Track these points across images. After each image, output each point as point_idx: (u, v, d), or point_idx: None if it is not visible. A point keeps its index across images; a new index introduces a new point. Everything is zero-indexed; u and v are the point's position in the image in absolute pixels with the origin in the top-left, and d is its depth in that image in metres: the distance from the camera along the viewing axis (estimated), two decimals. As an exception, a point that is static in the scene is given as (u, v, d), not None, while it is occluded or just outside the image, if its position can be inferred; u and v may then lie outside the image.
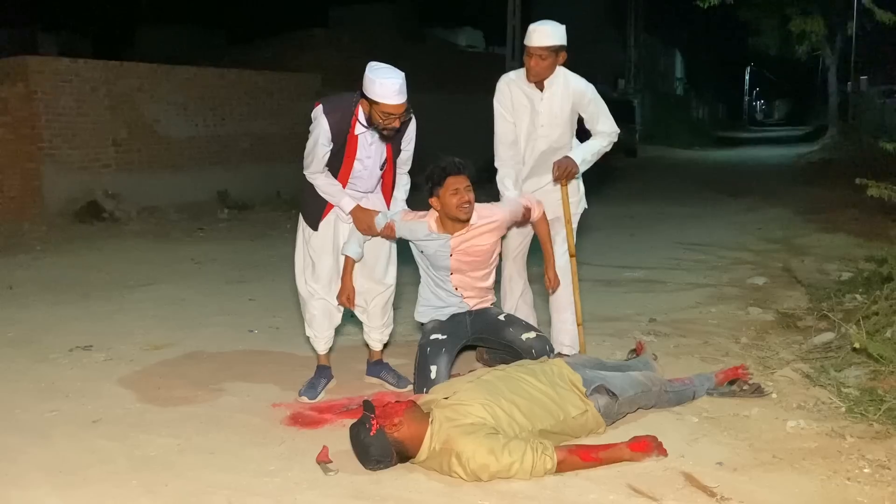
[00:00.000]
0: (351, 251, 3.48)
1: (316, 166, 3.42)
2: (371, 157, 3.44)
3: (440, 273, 3.59)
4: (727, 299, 5.39)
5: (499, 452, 2.59)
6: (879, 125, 16.49)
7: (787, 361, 3.90)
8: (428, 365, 3.45)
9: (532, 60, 3.61)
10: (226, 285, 6.21)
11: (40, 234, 8.71)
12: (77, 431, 3.17)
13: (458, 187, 3.34)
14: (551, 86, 3.71)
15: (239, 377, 3.88)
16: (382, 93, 3.18)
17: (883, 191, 4.23)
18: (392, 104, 3.20)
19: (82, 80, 9.81)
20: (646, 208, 10.84)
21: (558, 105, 3.74)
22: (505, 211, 3.57)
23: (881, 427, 2.99)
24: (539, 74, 3.65)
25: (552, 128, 3.77)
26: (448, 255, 3.50)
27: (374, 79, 3.18)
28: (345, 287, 3.49)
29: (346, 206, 3.47)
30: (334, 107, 3.36)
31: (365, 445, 2.70)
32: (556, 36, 3.59)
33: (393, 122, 3.27)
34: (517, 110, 3.77)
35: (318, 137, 3.35)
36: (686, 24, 28.81)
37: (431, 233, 3.48)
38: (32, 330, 4.82)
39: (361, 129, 3.37)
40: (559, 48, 3.60)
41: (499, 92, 3.81)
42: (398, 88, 3.19)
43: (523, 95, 3.76)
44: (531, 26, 3.64)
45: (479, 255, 3.54)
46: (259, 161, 12.08)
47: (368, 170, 3.47)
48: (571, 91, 3.73)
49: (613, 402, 3.05)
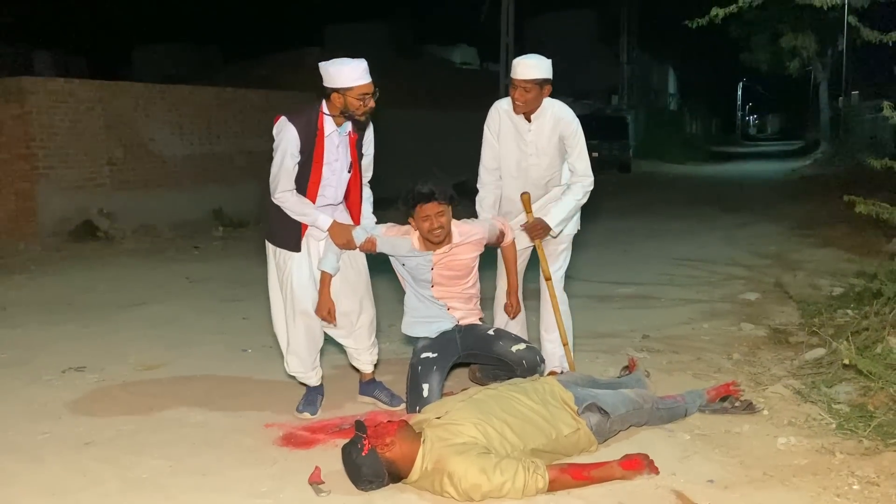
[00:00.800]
0: (328, 266, 3.46)
1: (285, 183, 3.41)
2: (339, 159, 3.47)
3: (421, 285, 3.63)
4: (719, 315, 5.41)
5: (490, 472, 2.60)
6: (870, 140, 16.61)
7: (778, 377, 3.92)
8: (420, 383, 3.46)
9: (517, 92, 3.63)
10: (220, 304, 6.21)
11: (35, 254, 8.71)
12: (69, 453, 3.17)
13: (429, 214, 3.38)
14: (538, 118, 3.75)
15: (231, 397, 3.88)
16: (354, 76, 3.30)
17: (871, 207, 4.26)
18: (365, 83, 3.32)
19: (77, 99, 9.86)
20: (639, 224, 10.88)
21: (546, 137, 3.77)
22: (484, 228, 3.66)
23: (871, 443, 3.00)
24: (524, 107, 3.67)
25: (540, 157, 3.80)
26: (429, 269, 3.56)
27: (340, 67, 3.31)
28: (324, 301, 3.48)
29: (324, 223, 3.46)
30: (297, 114, 3.43)
31: (357, 466, 2.70)
32: (541, 69, 3.62)
33: (370, 103, 3.35)
34: (505, 138, 3.82)
35: (286, 149, 3.37)
36: (678, 40, 29.02)
37: (414, 249, 3.53)
38: (26, 351, 4.82)
39: (330, 129, 3.40)
40: (544, 81, 3.63)
41: (489, 118, 3.86)
42: (365, 69, 3.33)
43: (511, 125, 3.79)
44: (516, 60, 3.69)
45: (459, 269, 3.60)
46: (254, 179, 12.09)
47: (336, 174, 3.49)
48: (558, 121, 3.76)
49: (605, 420, 3.06)
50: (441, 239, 3.46)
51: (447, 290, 3.63)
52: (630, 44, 27.99)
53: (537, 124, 3.75)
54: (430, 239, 3.45)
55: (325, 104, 3.40)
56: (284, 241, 3.52)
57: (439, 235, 3.44)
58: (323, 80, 3.36)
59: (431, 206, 3.38)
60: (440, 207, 3.39)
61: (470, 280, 3.68)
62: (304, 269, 3.52)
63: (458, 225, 3.55)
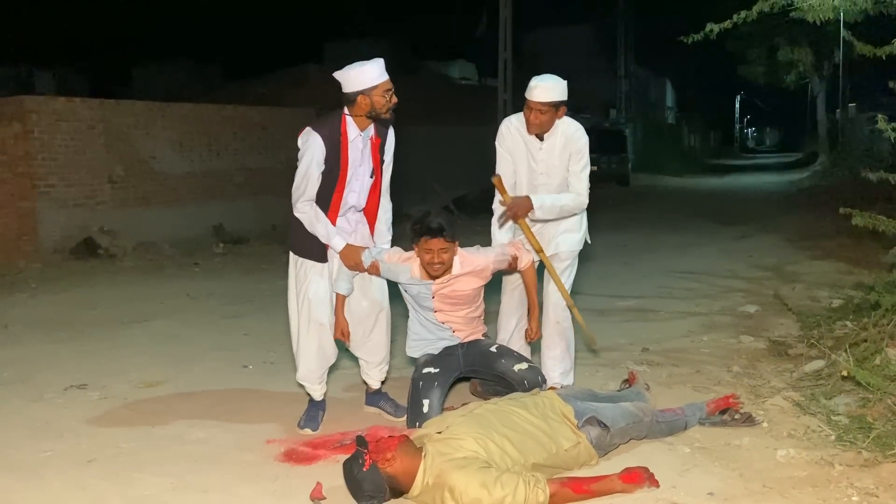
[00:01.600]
0: (342, 288, 3.54)
1: (310, 192, 3.47)
2: (363, 164, 3.53)
3: (425, 311, 3.65)
4: (719, 328, 5.43)
5: (491, 486, 2.61)
6: (868, 152, 16.67)
7: (777, 390, 3.93)
8: (421, 399, 3.48)
9: (532, 114, 3.64)
10: (221, 320, 6.23)
11: (36, 272, 8.72)
12: (72, 471, 3.18)
13: (432, 248, 3.39)
14: (550, 137, 3.75)
15: (233, 413, 3.90)
16: (375, 74, 3.39)
17: (867, 220, 4.29)
18: (387, 79, 3.42)
19: (78, 118, 9.91)
20: (638, 237, 10.91)
21: (557, 156, 3.77)
22: (489, 259, 3.60)
23: (870, 455, 3.02)
24: (538, 128, 3.68)
25: (550, 176, 3.81)
26: (430, 297, 3.57)
27: (361, 68, 3.39)
28: (338, 322, 3.57)
29: (338, 245, 3.53)
30: (321, 124, 3.48)
31: (358, 481, 2.71)
32: (557, 91, 3.62)
33: (393, 98, 3.44)
34: (515, 155, 3.82)
35: (311, 157, 3.42)
36: (676, 54, 29.21)
37: (413, 278, 3.53)
38: (27, 369, 4.83)
39: (354, 134, 3.46)
40: (559, 103, 3.64)
41: (500, 134, 3.87)
42: (383, 65, 3.43)
43: (522, 142, 3.80)
44: (533, 80, 3.66)
45: (461, 298, 3.60)
46: (254, 195, 12.16)
47: (360, 179, 3.55)
48: (568, 139, 3.76)
49: (605, 433, 3.08)
50: (440, 273, 3.48)
51: (450, 315, 3.64)
52: (627, 58, 28.14)
53: (549, 143, 3.76)
54: (429, 272, 3.47)
55: (348, 109, 3.45)
56: (311, 251, 3.56)
57: (438, 270, 3.45)
58: (343, 86, 3.42)
59: (437, 242, 3.38)
60: (445, 244, 3.39)
61: (473, 306, 3.68)
62: (322, 282, 3.58)
63: (462, 254, 3.53)
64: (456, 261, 3.51)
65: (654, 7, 27.26)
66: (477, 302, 3.69)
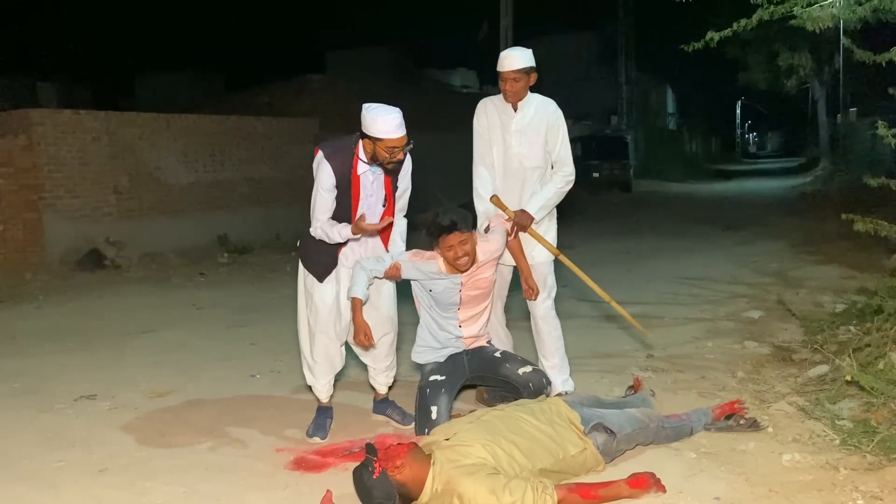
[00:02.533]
0: (358, 292, 3.51)
1: (320, 214, 3.52)
2: (373, 195, 3.56)
3: (446, 311, 3.67)
4: (723, 333, 5.46)
5: (500, 492, 2.64)
6: (869, 157, 16.69)
7: (782, 395, 3.96)
8: (429, 406, 3.52)
9: (507, 84, 3.86)
10: (227, 330, 6.27)
11: (42, 284, 8.78)
12: (84, 481, 3.22)
13: (453, 244, 3.45)
14: (524, 106, 3.94)
15: (242, 422, 3.93)
16: (385, 129, 3.34)
17: (869, 225, 4.32)
18: (395, 138, 3.37)
19: (84, 130, 9.98)
20: (642, 243, 10.93)
21: (530, 121, 3.94)
22: (500, 241, 3.73)
23: (874, 458, 3.04)
24: (515, 95, 3.89)
25: (527, 147, 3.94)
26: (458, 291, 3.61)
27: (375, 117, 3.34)
28: (359, 326, 3.46)
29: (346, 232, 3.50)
30: (334, 151, 3.49)
31: (368, 488, 2.74)
32: (525, 58, 3.86)
33: (397, 156, 3.42)
34: (491, 129, 3.99)
35: (321, 184, 3.47)
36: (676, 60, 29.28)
37: (441, 272, 3.58)
38: (37, 380, 4.87)
39: (363, 169, 3.49)
40: (530, 69, 3.86)
41: (477, 113, 4.07)
42: (398, 123, 3.38)
43: (497, 115, 3.98)
44: (502, 53, 3.92)
45: (484, 286, 3.68)
46: (258, 205, 12.23)
47: (371, 209, 3.57)
48: (544, 111, 3.96)
49: (612, 439, 3.11)
50: (468, 266, 3.53)
51: (471, 311, 3.71)
52: (628, 65, 28.20)
53: (522, 112, 3.94)
54: (458, 267, 3.53)
55: (361, 143, 3.48)
56: (313, 268, 3.66)
57: (465, 264, 3.50)
58: (361, 122, 3.42)
59: (454, 237, 3.44)
60: (463, 236, 3.45)
61: (489, 299, 3.78)
62: (329, 295, 3.63)
63: (480, 244, 3.62)
64: (478, 251, 3.58)
65: (654, 14, 27.36)
66: (491, 294, 3.77)
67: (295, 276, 3.79)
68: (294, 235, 3.69)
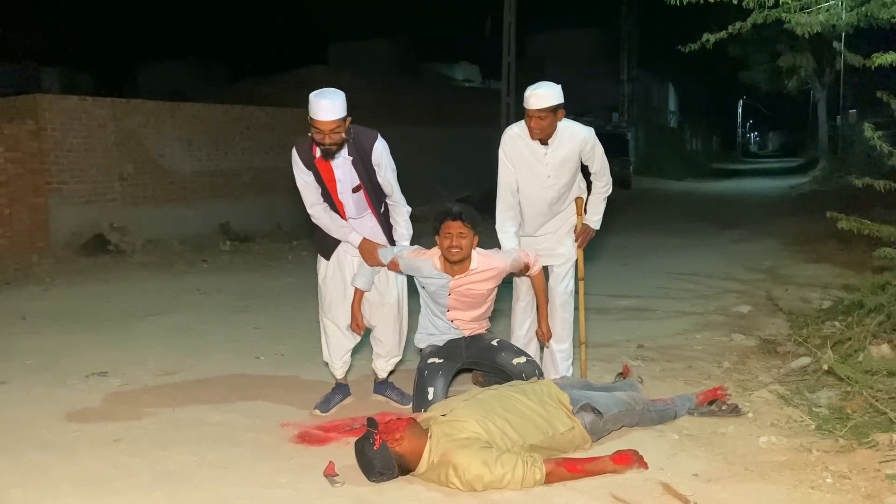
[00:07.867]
0: (361, 283, 3.78)
1: (309, 199, 3.76)
2: (342, 179, 3.71)
3: (438, 308, 3.87)
4: (712, 326, 5.63)
5: (492, 464, 2.83)
6: (867, 158, 16.83)
7: (764, 384, 4.14)
8: (426, 387, 3.69)
9: (532, 122, 3.83)
10: (231, 314, 6.45)
11: (48, 267, 8.95)
12: (101, 449, 3.41)
13: (451, 232, 3.61)
14: (555, 139, 3.94)
15: (248, 399, 4.12)
16: (313, 110, 3.48)
17: (853, 224, 4.50)
18: (318, 119, 3.46)
19: (90, 117, 10.16)
20: (638, 239, 11.11)
21: (564, 156, 3.97)
22: (506, 261, 3.82)
23: (846, 442, 3.22)
24: (541, 133, 3.86)
25: (559, 178, 4.01)
26: (447, 294, 3.77)
27: (311, 100, 3.50)
28: (353, 316, 3.81)
29: (355, 240, 3.79)
30: (301, 141, 3.71)
31: (369, 459, 2.93)
32: (553, 96, 3.80)
33: (322, 139, 3.51)
34: (519, 163, 4.00)
35: (295, 171, 3.73)
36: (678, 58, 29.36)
37: (434, 270, 3.74)
38: (49, 357, 5.05)
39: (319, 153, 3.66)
40: (557, 107, 3.82)
41: (504, 143, 4.04)
42: (326, 105, 3.45)
43: (526, 149, 3.98)
44: (528, 90, 3.85)
45: (475, 297, 3.81)
46: (260, 194, 12.40)
47: (346, 193, 3.75)
48: (575, 140, 3.97)
49: (599, 419, 3.29)
50: (457, 259, 3.65)
51: (462, 314, 3.86)
52: (630, 62, 28.32)
53: (554, 146, 3.95)
54: (448, 257, 3.66)
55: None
56: (319, 246, 3.93)
57: (456, 255, 3.63)
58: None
59: (456, 225, 3.60)
60: (463, 229, 3.60)
61: (485, 307, 3.90)
62: (335, 280, 3.88)
63: (480, 254, 3.75)
64: (475, 256, 3.72)
65: (657, 11, 27.44)
66: (487, 304, 3.91)
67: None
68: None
